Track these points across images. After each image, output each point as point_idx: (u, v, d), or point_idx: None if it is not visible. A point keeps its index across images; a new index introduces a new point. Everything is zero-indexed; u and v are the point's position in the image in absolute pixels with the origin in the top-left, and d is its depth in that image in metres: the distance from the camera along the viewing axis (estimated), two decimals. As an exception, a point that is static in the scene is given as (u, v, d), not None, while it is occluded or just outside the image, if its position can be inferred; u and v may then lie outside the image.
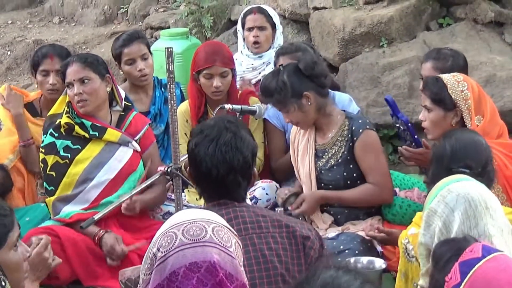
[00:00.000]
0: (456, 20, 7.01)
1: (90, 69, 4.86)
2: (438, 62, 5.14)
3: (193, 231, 2.42)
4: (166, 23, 8.60)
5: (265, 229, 3.20)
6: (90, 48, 9.14)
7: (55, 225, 4.78)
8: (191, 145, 3.29)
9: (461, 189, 3.14)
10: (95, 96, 4.87)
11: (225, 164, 3.20)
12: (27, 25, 10.07)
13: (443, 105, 4.51)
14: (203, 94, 5.46)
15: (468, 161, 3.72)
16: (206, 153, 3.20)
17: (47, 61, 5.48)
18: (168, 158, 5.44)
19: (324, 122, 4.89)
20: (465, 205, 3.08)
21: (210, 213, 2.53)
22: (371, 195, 4.81)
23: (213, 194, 3.27)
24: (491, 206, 3.12)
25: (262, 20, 6.17)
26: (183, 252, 2.38)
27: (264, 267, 3.14)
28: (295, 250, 3.20)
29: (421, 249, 3.22)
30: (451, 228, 3.08)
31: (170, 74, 3.91)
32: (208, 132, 3.26)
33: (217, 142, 3.21)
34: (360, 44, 6.87)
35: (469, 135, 3.96)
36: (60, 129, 4.93)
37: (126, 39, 5.70)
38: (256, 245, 3.17)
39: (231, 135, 3.24)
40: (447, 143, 3.82)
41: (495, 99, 6.17)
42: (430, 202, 3.19)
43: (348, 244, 4.59)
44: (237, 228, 3.15)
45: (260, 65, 6.18)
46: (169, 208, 5.11)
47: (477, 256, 2.72)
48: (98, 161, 4.90)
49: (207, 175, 3.22)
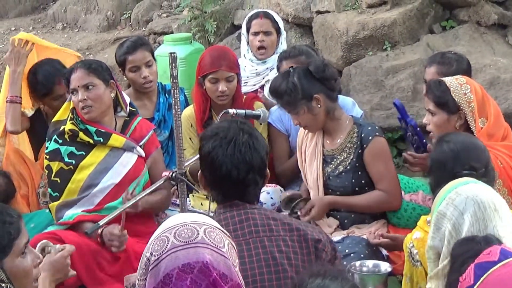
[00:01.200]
0: (459, 22, 7.00)
1: (95, 75, 4.86)
2: (442, 67, 5.13)
3: (185, 233, 2.45)
4: (169, 28, 8.61)
5: (275, 232, 3.22)
6: (93, 54, 9.14)
7: (59, 230, 4.77)
8: (207, 149, 3.29)
9: (469, 192, 3.13)
10: (100, 102, 4.87)
11: (245, 164, 3.24)
12: (31, 31, 10.05)
13: (447, 108, 4.50)
14: (208, 99, 5.46)
15: (472, 163, 3.71)
16: (225, 155, 3.23)
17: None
18: (173, 164, 5.42)
19: (332, 126, 4.88)
20: (474, 208, 3.08)
21: (202, 216, 2.58)
22: (380, 202, 4.80)
23: (230, 195, 3.28)
24: (500, 208, 3.12)
25: (268, 25, 6.16)
26: (175, 254, 2.41)
27: (274, 270, 3.15)
28: (305, 253, 3.21)
29: (430, 253, 3.21)
30: (460, 230, 3.08)
31: (173, 80, 3.91)
32: (224, 134, 3.29)
33: (235, 143, 3.25)
34: (364, 47, 6.87)
35: (466, 137, 3.95)
36: (64, 136, 4.93)
37: (130, 46, 5.69)
38: (267, 248, 3.18)
39: (247, 136, 3.29)
40: (446, 147, 3.80)
41: (499, 101, 6.17)
42: (439, 205, 3.18)
43: (354, 247, 4.58)
44: (248, 230, 3.18)
45: (263, 71, 6.17)
46: (174, 213, 5.09)
47: (493, 260, 2.72)
48: (102, 166, 4.90)
49: (227, 176, 3.24)
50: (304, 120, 4.81)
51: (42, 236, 4.63)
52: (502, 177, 4.30)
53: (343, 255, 4.49)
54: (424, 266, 3.77)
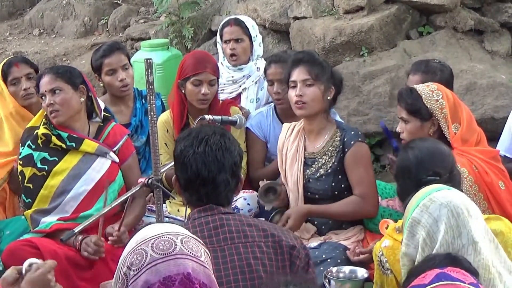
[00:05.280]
0: (436, 28, 7.04)
1: (62, 80, 4.85)
2: (427, 76, 5.12)
3: (162, 245, 2.42)
4: (147, 34, 8.59)
5: (251, 238, 3.21)
6: (70, 60, 9.11)
7: (35, 237, 4.74)
8: (179, 148, 3.32)
9: (443, 198, 3.14)
10: (67, 107, 4.85)
11: (216, 163, 3.25)
12: (7, 37, 10.02)
13: (419, 115, 4.51)
14: (185, 104, 5.44)
15: (436, 168, 3.73)
16: (196, 152, 3.25)
17: (14, 69, 5.49)
18: (151, 169, 5.41)
19: (318, 128, 4.90)
20: (448, 215, 3.09)
21: (174, 226, 2.55)
22: (356, 209, 4.79)
23: (201, 197, 3.28)
24: (473, 214, 3.12)
25: (238, 32, 6.13)
26: (155, 267, 2.38)
27: (249, 277, 3.14)
28: (280, 260, 3.20)
29: (404, 260, 3.21)
30: (435, 238, 3.09)
31: (149, 86, 3.89)
32: (196, 134, 3.31)
33: (207, 142, 3.27)
34: (341, 53, 6.88)
35: (430, 143, 3.96)
36: (37, 141, 4.91)
37: (106, 49, 5.69)
38: (242, 254, 3.17)
39: (219, 136, 3.31)
40: (410, 154, 3.81)
41: (475, 107, 6.20)
42: (412, 212, 3.19)
43: (331, 253, 4.59)
44: (223, 237, 3.18)
45: (240, 78, 6.15)
46: (150, 219, 5.08)
47: (424, 283, 2.75)
48: (75, 172, 4.88)
49: (197, 175, 3.25)
50: (309, 94, 4.81)
51: (18, 243, 4.62)
52: (477, 182, 4.31)
53: (320, 260, 4.50)
54: (395, 273, 3.78)
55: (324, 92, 4.82)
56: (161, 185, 3.96)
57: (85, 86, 4.95)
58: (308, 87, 4.80)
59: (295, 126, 5.05)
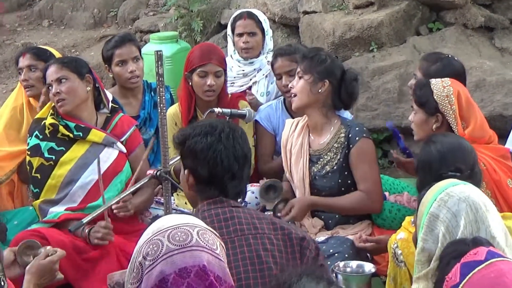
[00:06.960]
0: (446, 24, 7.02)
1: (68, 69, 4.88)
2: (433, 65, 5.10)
3: (179, 237, 2.41)
4: (156, 26, 8.60)
5: (260, 230, 3.21)
6: (79, 51, 9.12)
7: (43, 228, 4.75)
8: (203, 144, 3.27)
9: (461, 193, 3.13)
10: (73, 95, 4.87)
11: (244, 158, 3.29)
12: (16, 28, 10.05)
13: (425, 108, 4.50)
14: (193, 97, 5.44)
15: (458, 164, 3.71)
16: (227, 148, 3.25)
17: (20, 59, 5.54)
18: (158, 162, 5.42)
19: (321, 124, 4.87)
20: (467, 209, 3.07)
21: (191, 217, 2.54)
22: (360, 204, 4.77)
23: (226, 191, 3.28)
24: (491, 209, 3.12)
25: (252, 25, 6.13)
26: (171, 258, 2.37)
27: (259, 268, 3.14)
28: (290, 252, 3.20)
29: (421, 255, 3.17)
30: (454, 233, 3.06)
31: (159, 78, 3.89)
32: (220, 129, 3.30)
33: (234, 137, 3.29)
34: (350, 48, 6.88)
35: (453, 139, 3.95)
36: (45, 131, 4.93)
37: (118, 40, 5.72)
38: (252, 246, 3.17)
39: (240, 131, 3.35)
40: (433, 148, 3.79)
41: (484, 104, 6.19)
42: (429, 206, 3.16)
43: (338, 248, 4.58)
44: (233, 229, 3.18)
45: (251, 72, 6.14)
46: (158, 211, 5.09)
47: (480, 259, 2.73)
48: (82, 162, 4.89)
49: (227, 170, 3.26)
50: (298, 86, 4.81)
51: (26, 233, 4.62)
52: (485, 179, 4.30)
53: (328, 255, 4.49)
54: (408, 266, 3.77)
55: (312, 84, 4.78)
56: (170, 177, 3.96)
57: (91, 76, 4.96)
58: (290, 79, 4.84)
59: (299, 121, 5.03)
